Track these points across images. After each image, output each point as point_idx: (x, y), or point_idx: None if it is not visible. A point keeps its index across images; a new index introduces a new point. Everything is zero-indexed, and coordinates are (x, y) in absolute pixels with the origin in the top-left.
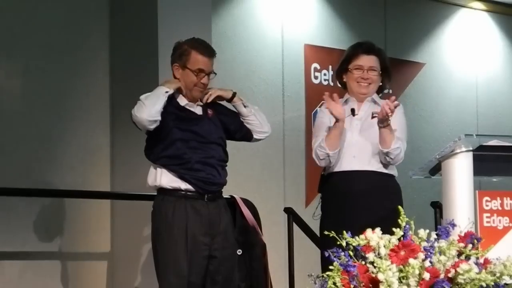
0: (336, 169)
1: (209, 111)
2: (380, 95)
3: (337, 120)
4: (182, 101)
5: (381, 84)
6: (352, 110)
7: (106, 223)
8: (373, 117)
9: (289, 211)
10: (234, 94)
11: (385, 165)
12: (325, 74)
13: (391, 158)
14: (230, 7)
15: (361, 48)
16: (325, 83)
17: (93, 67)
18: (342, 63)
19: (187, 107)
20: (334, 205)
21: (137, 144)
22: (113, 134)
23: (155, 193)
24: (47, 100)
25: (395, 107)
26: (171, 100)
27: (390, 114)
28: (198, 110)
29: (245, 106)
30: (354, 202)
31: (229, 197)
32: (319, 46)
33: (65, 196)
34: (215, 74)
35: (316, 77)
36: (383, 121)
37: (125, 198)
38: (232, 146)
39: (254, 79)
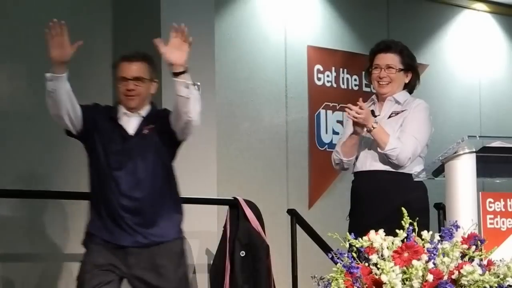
0: (355, 169)
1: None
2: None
3: (353, 132)
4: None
5: (407, 82)
6: (372, 112)
7: None
8: (390, 116)
9: (292, 212)
10: (185, 70)
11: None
12: (328, 76)
13: (391, 159)
14: (232, 9)
15: (379, 46)
16: (328, 84)
17: (96, 69)
18: (368, 65)
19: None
20: (352, 205)
21: None
22: None
23: None
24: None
25: (353, 116)
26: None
27: (354, 119)
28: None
29: (187, 87)
30: (365, 202)
31: (233, 198)
32: (322, 47)
33: (70, 198)
34: (150, 80)
35: (319, 79)
36: (357, 127)
37: None
38: (234, 147)
39: (257, 81)
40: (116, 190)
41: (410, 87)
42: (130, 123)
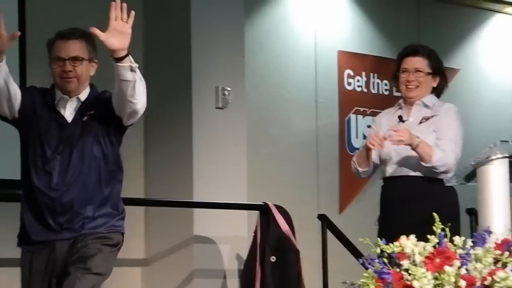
0: (385, 174)
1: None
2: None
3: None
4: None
5: (436, 86)
6: (400, 117)
7: (140, 230)
8: (421, 122)
9: (323, 217)
10: (127, 53)
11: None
12: (358, 80)
13: (439, 170)
14: (263, 14)
15: (406, 50)
16: (359, 89)
17: None
18: (395, 69)
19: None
20: (382, 211)
21: (171, 150)
22: (146, 139)
23: (191, 199)
24: None
25: (398, 140)
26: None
27: (401, 144)
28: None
29: (132, 71)
30: (395, 208)
31: (263, 204)
32: (353, 52)
33: None
34: (89, 60)
35: (349, 83)
36: (406, 144)
37: (159, 205)
38: (264, 152)
39: (287, 86)
40: (47, 182)
41: (438, 91)
42: (68, 108)
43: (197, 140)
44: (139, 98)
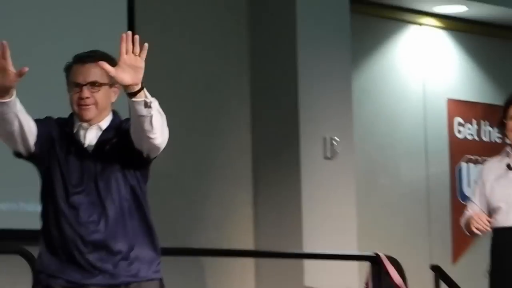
0: (496, 224)
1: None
2: None
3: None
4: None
5: None
6: (508, 166)
7: (250, 282)
8: None
9: (436, 268)
10: (142, 87)
11: None
12: (469, 129)
13: None
14: (370, 62)
15: None
16: (470, 137)
17: (234, 124)
18: (501, 115)
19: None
20: (493, 262)
21: (280, 200)
22: (255, 190)
23: (301, 250)
24: (190, 159)
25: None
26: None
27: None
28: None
29: (147, 106)
30: (508, 260)
31: (374, 254)
32: (462, 100)
33: (209, 255)
34: (109, 85)
35: (459, 131)
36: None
37: (270, 256)
38: (374, 202)
39: (396, 135)
40: (74, 218)
41: None
42: (88, 137)
43: (306, 190)
44: (158, 133)
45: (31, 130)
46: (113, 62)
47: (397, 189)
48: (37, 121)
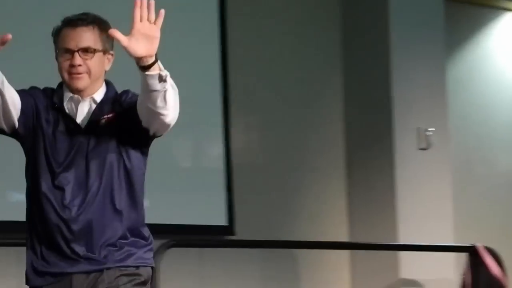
0: None
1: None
2: None
3: None
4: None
5: None
6: None
7: (345, 275)
8: None
9: None
10: (156, 59)
11: None
12: None
13: None
14: (464, 52)
15: None
16: None
17: (327, 117)
18: None
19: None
20: None
21: (374, 192)
22: (349, 182)
23: (395, 242)
24: (283, 152)
25: None
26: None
27: None
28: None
29: (162, 80)
30: None
31: (471, 245)
32: None
33: (304, 247)
34: (103, 51)
35: None
36: None
37: (365, 248)
38: (471, 193)
39: (492, 124)
40: (58, 201)
41: None
42: (80, 110)
43: (400, 181)
44: (170, 110)
45: (14, 103)
46: (107, 26)
47: (494, 179)
48: (21, 93)
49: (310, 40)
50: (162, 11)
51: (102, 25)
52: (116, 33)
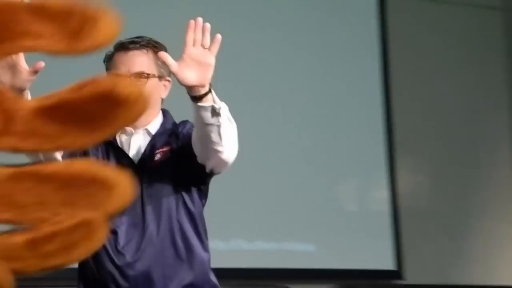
0: None
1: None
2: None
3: None
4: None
5: None
6: None
7: None
8: None
9: None
10: (209, 89)
11: None
12: None
13: None
14: None
15: None
16: None
17: (494, 156)
18: None
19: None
20: None
21: None
22: None
23: None
24: (452, 194)
25: None
26: None
27: None
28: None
29: (215, 113)
30: None
31: None
32: None
33: None
34: (159, 77)
35: None
36: None
37: None
38: None
39: None
40: (112, 245)
41: None
42: (133, 144)
43: None
44: (226, 146)
45: None
46: (163, 50)
47: None
48: None
49: (476, 79)
50: (219, 36)
51: (157, 49)
52: (165, 56)
